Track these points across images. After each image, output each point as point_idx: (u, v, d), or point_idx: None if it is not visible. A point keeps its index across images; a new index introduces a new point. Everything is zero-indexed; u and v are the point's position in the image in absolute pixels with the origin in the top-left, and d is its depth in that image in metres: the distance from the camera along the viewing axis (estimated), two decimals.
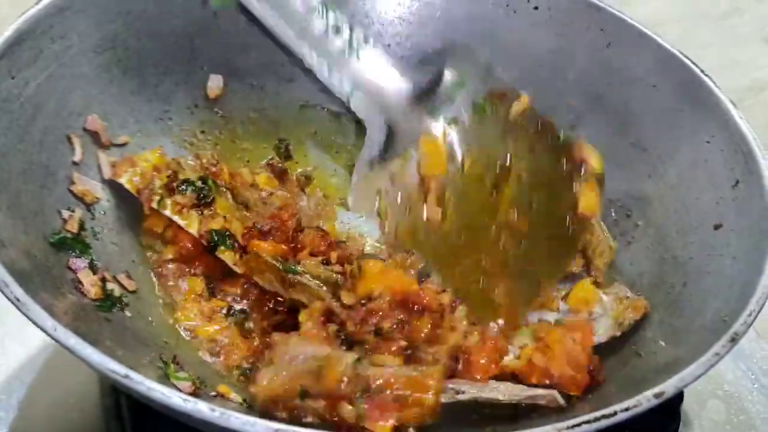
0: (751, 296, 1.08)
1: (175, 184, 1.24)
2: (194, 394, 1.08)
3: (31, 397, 1.27)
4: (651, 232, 1.36)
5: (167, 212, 1.19)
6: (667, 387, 0.97)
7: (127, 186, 1.25)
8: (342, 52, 1.00)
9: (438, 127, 1.04)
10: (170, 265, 1.28)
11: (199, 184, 1.25)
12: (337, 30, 1.01)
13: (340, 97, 1.00)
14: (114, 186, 1.31)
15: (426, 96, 1.07)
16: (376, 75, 1.03)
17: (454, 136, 1.03)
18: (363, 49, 1.03)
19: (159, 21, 1.41)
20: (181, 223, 1.16)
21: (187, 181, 1.26)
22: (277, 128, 1.54)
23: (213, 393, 1.12)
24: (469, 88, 1.08)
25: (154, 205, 1.22)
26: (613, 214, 1.41)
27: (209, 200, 1.24)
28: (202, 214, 1.23)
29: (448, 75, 1.10)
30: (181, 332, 1.22)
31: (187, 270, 1.27)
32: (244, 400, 1.11)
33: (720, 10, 2.41)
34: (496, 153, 1.05)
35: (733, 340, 1.02)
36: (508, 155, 1.06)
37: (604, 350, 1.23)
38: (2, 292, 0.94)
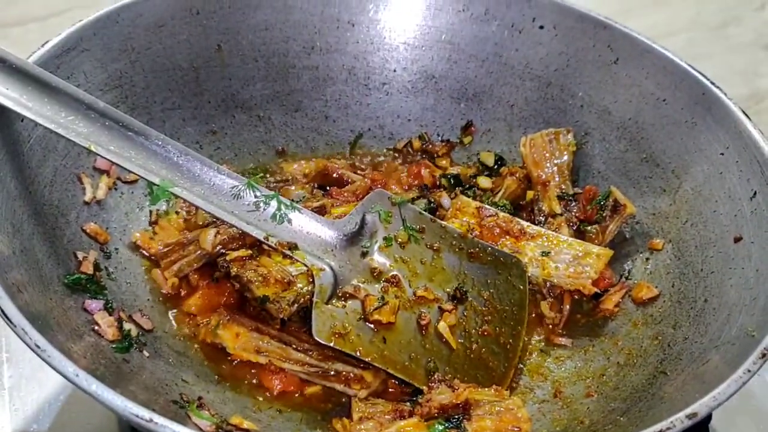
0: None
1: None
2: None
3: None
4: (669, 247, 1.34)
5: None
6: (700, 407, 0.95)
7: None
8: (272, 221, 1.23)
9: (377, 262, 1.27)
10: None
11: None
12: (265, 203, 1.23)
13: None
14: (125, 224, 1.32)
15: (354, 237, 1.28)
16: (310, 230, 1.26)
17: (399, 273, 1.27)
18: (291, 213, 1.25)
19: (163, 57, 1.41)
20: None
21: None
22: (285, 158, 1.54)
23: (228, 426, 1.10)
24: (387, 224, 1.31)
25: None
26: (627, 232, 1.41)
27: None
28: None
29: (369, 217, 1.30)
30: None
31: None
32: None
33: (718, 19, 2.40)
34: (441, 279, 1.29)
35: (764, 356, 1.00)
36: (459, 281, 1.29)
37: (628, 367, 1.22)
38: (21, 339, 0.93)
